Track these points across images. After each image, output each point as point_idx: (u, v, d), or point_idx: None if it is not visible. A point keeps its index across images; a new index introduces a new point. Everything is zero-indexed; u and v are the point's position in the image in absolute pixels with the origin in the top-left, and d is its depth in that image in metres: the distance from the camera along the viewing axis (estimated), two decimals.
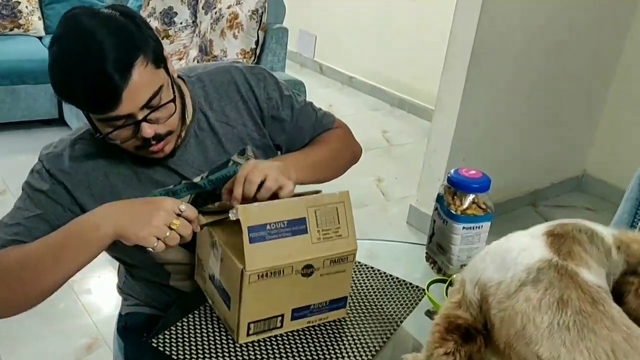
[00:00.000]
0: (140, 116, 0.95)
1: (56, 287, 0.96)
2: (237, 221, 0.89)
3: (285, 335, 0.98)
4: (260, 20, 2.74)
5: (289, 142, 1.22)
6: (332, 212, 0.97)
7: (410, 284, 1.16)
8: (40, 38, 3.63)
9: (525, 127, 2.92)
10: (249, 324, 0.94)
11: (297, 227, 0.93)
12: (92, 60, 0.90)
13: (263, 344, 0.96)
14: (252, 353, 0.94)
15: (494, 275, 0.83)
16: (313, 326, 1.01)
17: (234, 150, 1.14)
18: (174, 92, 1.00)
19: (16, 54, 3.32)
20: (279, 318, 0.97)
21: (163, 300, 1.23)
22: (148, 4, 3.35)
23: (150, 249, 0.92)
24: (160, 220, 0.91)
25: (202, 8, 3.03)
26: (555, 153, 3.17)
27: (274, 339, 0.97)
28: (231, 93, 1.15)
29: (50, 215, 1.01)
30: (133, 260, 1.19)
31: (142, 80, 0.93)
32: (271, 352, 0.95)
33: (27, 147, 2.63)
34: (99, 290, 2.25)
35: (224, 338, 0.96)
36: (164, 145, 1.02)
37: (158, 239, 0.91)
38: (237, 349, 0.94)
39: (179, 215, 0.93)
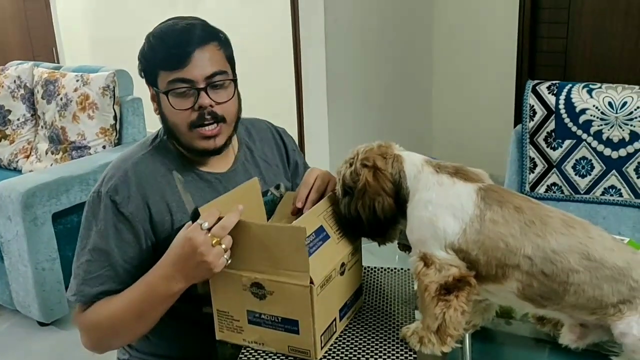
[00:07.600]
0: (201, 85, 1.10)
1: (144, 332, 1.13)
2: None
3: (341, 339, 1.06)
4: (114, 95, 2.71)
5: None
6: (332, 216, 1.09)
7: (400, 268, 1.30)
8: None
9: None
10: (321, 336, 1.01)
11: (321, 235, 1.04)
12: (181, 29, 1.11)
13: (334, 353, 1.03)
14: None
15: (455, 229, 0.95)
16: (355, 326, 1.11)
17: (271, 183, 1.32)
18: (235, 88, 1.17)
19: None
20: (334, 322, 1.05)
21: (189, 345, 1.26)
22: None
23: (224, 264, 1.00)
24: (207, 246, 0.97)
25: (42, 98, 2.87)
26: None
27: (337, 347, 1.05)
28: (269, 138, 1.38)
29: (120, 259, 1.12)
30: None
31: (212, 56, 1.11)
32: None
33: None
34: None
35: None
36: (218, 132, 1.14)
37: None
38: None
39: (209, 230, 0.99)
